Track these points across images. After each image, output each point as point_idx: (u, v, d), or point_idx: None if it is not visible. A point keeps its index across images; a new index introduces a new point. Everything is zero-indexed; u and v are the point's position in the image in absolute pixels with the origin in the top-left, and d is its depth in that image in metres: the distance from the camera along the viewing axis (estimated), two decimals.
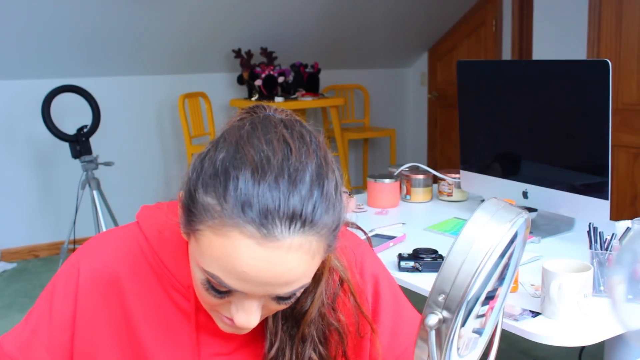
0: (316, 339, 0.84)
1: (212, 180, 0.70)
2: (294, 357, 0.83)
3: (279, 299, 0.74)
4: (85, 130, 3.63)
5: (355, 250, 0.90)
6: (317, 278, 0.81)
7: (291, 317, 0.83)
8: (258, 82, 4.42)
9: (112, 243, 0.87)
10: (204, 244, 0.70)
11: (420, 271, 1.60)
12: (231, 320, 0.75)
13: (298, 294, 0.75)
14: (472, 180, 2.11)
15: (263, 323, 0.85)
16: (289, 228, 0.67)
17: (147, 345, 0.84)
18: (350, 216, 0.81)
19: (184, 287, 0.84)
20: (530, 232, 1.82)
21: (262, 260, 0.68)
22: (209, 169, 0.71)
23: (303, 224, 0.68)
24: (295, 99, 4.52)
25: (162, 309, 0.85)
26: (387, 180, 2.22)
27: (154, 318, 0.84)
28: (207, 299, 0.75)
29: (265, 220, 0.67)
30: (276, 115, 0.76)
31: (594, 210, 1.69)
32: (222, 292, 0.73)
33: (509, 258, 0.70)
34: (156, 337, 0.84)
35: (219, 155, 0.71)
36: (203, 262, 0.71)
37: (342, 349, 0.86)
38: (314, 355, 0.83)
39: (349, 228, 0.92)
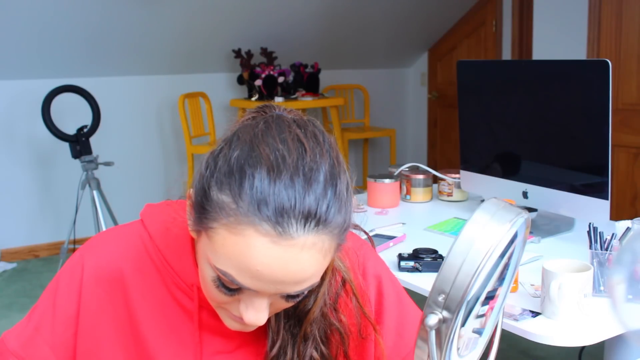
0: (318, 338, 0.84)
1: (227, 178, 0.70)
2: (295, 355, 0.83)
3: (288, 297, 0.74)
4: (85, 130, 3.63)
5: (358, 252, 0.91)
6: (320, 277, 0.81)
7: (294, 315, 0.84)
8: (258, 82, 4.42)
9: (116, 240, 0.87)
10: (217, 242, 0.70)
11: (420, 271, 1.60)
12: (239, 318, 0.76)
13: (306, 292, 0.75)
14: (472, 180, 2.11)
15: (266, 322, 0.85)
16: (304, 227, 0.68)
17: (150, 342, 0.84)
18: (354, 217, 0.81)
19: (187, 286, 0.84)
20: (530, 232, 1.82)
21: (276, 259, 0.68)
22: (224, 167, 0.71)
23: (317, 223, 0.69)
24: (295, 99, 4.52)
25: (165, 307, 0.85)
26: (387, 180, 2.22)
27: (157, 316, 0.85)
28: (216, 296, 0.75)
29: (281, 218, 0.67)
30: (288, 115, 0.77)
31: (594, 210, 1.69)
32: (232, 289, 0.73)
33: (509, 258, 0.70)
34: (159, 334, 0.84)
35: (234, 153, 0.71)
36: (215, 259, 0.71)
37: (343, 349, 0.86)
38: (315, 354, 0.84)
39: (351, 229, 0.92)
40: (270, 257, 0.68)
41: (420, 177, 2.29)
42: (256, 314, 0.74)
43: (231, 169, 0.70)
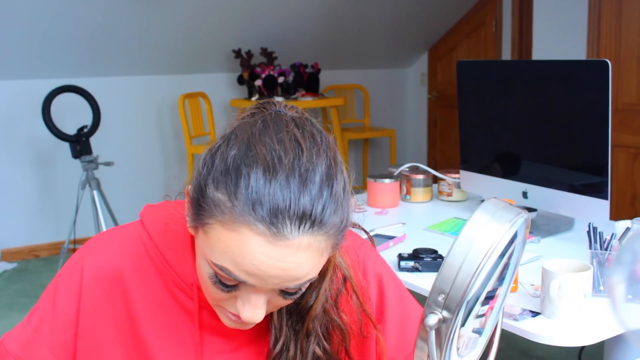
0: (320, 334, 0.84)
1: (223, 177, 0.70)
2: (298, 352, 0.83)
3: (285, 294, 0.74)
4: (85, 130, 3.63)
5: (358, 251, 0.91)
6: (322, 274, 0.82)
7: (296, 312, 0.84)
8: (258, 82, 4.42)
9: (115, 241, 0.87)
10: (213, 237, 0.71)
11: (420, 271, 1.60)
12: (237, 316, 0.76)
13: (303, 289, 0.76)
14: (472, 180, 2.12)
15: (266, 321, 0.85)
16: (299, 228, 0.68)
17: (150, 343, 0.84)
18: (354, 217, 0.81)
19: (187, 285, 0.84)
20: (530, 232, 1.82)
21: (271, 257, 0.69)
22: (220, 165, 0.71)
23: (312, 224, 0.69)
24: (295, 99, 4.52)
25: (166, 307, 0.85)
26: (387, 180, 2.22)
27: (157, 316, 0.85)
28: (213, 293, 0.76)
29: (275, 219, 0.67)
30: (287, 113, 0.77)
31: (593, 210, 1.69)
32: (229, 286, 0.73)
33: (509, 258, 0.70)
34: (159, 335, 0.84)
35: (231, 152, 0.71)
36: (212, 255, 0.72)
37: (344, 346, 0.86)
38: (318, 350, 0.84)
39: (351, 228, 0.92)
40: (266, 255, 0.69)
41: (420, 177, 2.29)
42: (253, 311, 0.74)
43: (227, 167, 0.70)
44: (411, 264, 1.61)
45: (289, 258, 0.69)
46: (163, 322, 0.85)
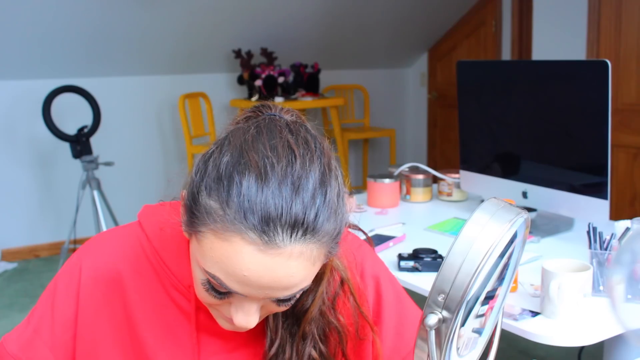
0: (317, 337, 0.84)
1: (215, 184, 0.70)
2: (294, 354, 0.83)
3: (279, 301, 0.74)
4: (85, 130, 3.63)
5: (356, 253, 0.91)
6: (318, 277, 0.81)
7: (292, 314, 0.84)
8: (258, 83, 4.42)
9: (113, 242, 0.87)
10: (205, 245, 0.70)
11: (420, 271, 1.60)
12: (231, 319, 0.76)
13: (297, 296, 0.75)
14: (472, 180, 2.12)
15: (263, 322, 0.85)
16: (290, 236, 0.68)
17: (147, 344, 0.84)
18: (351, 217, 0.81)
19: (184, 287, 0.84)
20: (530, 232, 1.82)
21: (263, 266, 0.68)
22: (213, 172, 0.70)
23: (305, 232, 0.68)
24: (295, 99, 4.52)
25: (163, 308, 0.85)
26: (387, 180, 2.22)
27: (155, 317, 0.85)
28: (206, 299, 0.76)
29: (267, 227, 0.67)
30: (283, 117, 0.76)
31: (593, 210, 1.69)
32: (222, 293, 0.73)
33: (509, 258, 0.70)
34: (157, 336, 0.85)
35: (223, 159, 0.71)
36: (204, 263, 0.72)
37: (341, 348, 0.86)
38: (314, 353, 0.84)
39: (349, 229, 0.92)
40: (257, 264, 0.68)
41: (420, 177, 2.29)
42: (246, 318, 0.74)
43: (220, 175, 0.70)
44: (411, 264, 1.61)
45: (281, 267, 0.68)
46: (160, 323, 0.85)
